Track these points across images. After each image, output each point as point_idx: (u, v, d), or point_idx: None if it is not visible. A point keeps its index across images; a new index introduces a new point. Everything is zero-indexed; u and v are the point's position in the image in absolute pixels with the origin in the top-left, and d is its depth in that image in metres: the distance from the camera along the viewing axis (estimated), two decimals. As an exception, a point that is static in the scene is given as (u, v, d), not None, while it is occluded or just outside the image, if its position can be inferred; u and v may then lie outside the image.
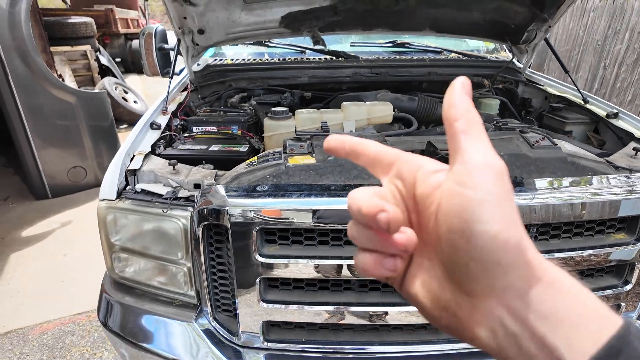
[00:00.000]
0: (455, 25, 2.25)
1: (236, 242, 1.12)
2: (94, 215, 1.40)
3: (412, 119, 1.82)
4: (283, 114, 1.67)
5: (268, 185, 1.16)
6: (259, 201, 1.10)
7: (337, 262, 1.11)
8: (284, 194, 1.11)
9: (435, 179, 0.31)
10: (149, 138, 1.64)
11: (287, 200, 1.09)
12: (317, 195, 1.10)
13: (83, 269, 3.32)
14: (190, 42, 2.17)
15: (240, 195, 1.12)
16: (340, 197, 1.10)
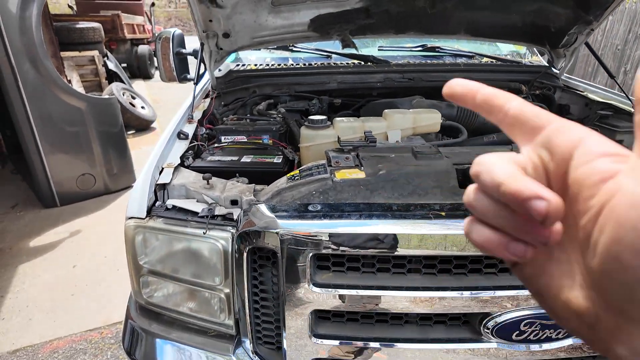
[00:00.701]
0: (492, 28, 2.13)
1: (286, 268, 1.00)
2: (103, 224, 1.28)
3: (461, 127, 1.70)
4: (321, 122, 1.55)
5: (321, 204, 1.04)
6: (315, 223, 0.97)
7: (399, 293, 0.99)
8: (341, 214, 0.99)
9: (604, 166, 0.24)
10: (176, 149, 1.52)
11: (346, 222, 0.96)
12: (379, 217, 0.97)
13: (94, 281, 3.20)
14: (214, 46, 2.07)
15: (291, 216, 1.00)
16: (405, 219, 0.97)
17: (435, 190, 1.20)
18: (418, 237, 0.93)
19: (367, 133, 1.38)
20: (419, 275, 0.98)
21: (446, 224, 0.96)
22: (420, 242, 0.93)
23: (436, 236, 0.94)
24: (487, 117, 0.32)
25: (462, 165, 1.26)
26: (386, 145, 1.34)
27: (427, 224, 0.96)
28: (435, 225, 0.95)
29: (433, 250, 0.94)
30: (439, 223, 0.96)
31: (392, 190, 1.20)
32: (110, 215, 4.26)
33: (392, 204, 1.02)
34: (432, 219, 0.96)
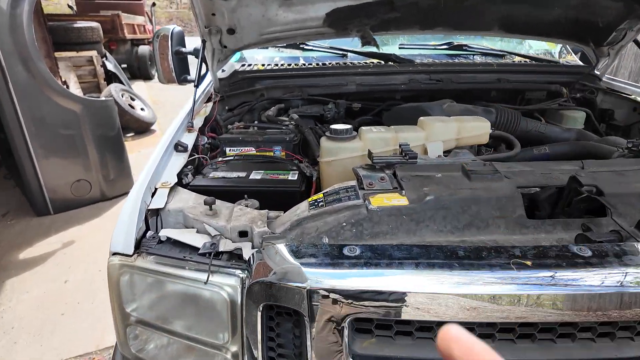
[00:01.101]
0: (530, 24, 1.89)
1: (315, 335, 0.75)
2: (98, 234, 1.04)
3: (512, 139, 1.45)
4: (346, 133, 1.31)
5: (360, 247, 0.79)
6: (354, 273, 0.73)
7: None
8: (389, 263, 0.74)
9: None
10: (173, 164, 1.28)
11: (397, 275, 0.72)
12: (442, 267, 0.73)
13: (86, 298, 2.96)
14: (217, 44, 1.83)
15: (322, 264, 0.75)
16: (478, 270, 0.72)
17: (499, 222, 0.96)
18: (497, 298, 0.69)
19: (403, 146, 1.14)
20: (492, 342, 0.73)
21: (532, 278, 0.71)
22: (498, 303, 0.69)
23: (521, 296, 0.69)
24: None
25: (527, 188, 1.02)
26: (429, 162, 1.10)
27: (508, 279, 0.71)
28: (519, 279, 0.71)
29: (516, 313, 0.70)
30: (521, 277, 0.71)
31: (444, 222, 0.95)
32: (106, 224, 4.02)
33: (456, 247, 0.78)
34: (514, 270, 0.72)
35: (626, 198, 0.99)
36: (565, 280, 0.71)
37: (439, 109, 1.66)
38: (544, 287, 0.69)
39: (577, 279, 0.71)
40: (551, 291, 0.69)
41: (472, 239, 0.94)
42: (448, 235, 0.94)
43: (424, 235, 0.94)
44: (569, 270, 0.72)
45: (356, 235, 0.94)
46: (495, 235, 0.95)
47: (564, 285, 0.71)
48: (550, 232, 0.95)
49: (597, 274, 0.72)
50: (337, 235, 0.93)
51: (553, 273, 0.70)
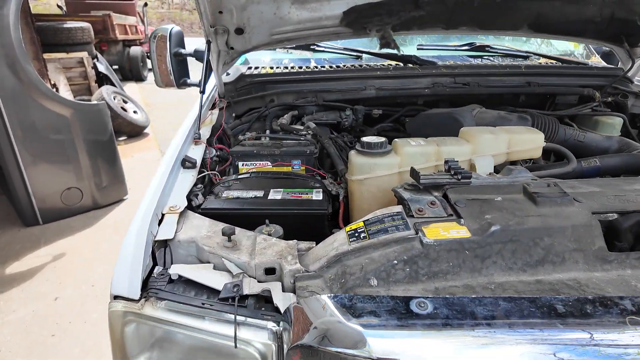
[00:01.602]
0: (562, 23, 1.75)
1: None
2: (90, 245, 0.87)
3: (568, 152, 1.30)
4: (381, 147, 1.15)
5: (431, 301, 0.63)
6: (433, 346, 0.57)
7: None
8: (474, 324, 0.59)
9: None
10: (181, 183, 1.11)
11: (484, 337, 0.56)
12: (542, 328, 0.57)
13: (78, 317, 2.76)
14: (223, 46, 1.66)
15: (386, 326, 0.59)
16: (588, 329, 0.57)
17: (576, 256, 0.81)
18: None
19: (451, 162, 0.98)
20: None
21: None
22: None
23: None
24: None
25: (604, 214, 0.86)
26: (484, 182, 0.95)
27: (628, 340, 0.56)
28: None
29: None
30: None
31: (513, 257, 0.80)
32: (99, 234, 3.82)
33: (551, 300, 0.62)
34: (631, 328, 0.56)
35: None
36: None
37: (470, 115, 1.51)
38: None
39: None
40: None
41: (549, 278, 0.78)
42: (520, 274, 0.79)
43: (492, 275, 0.79)
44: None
45: (410, 275, 0.78)
46: (573, 273, 0.80)
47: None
48: (637, 268, 0.80)
49: None
50: (388, 276, 0.78)
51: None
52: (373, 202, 1.14)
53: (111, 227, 3.97)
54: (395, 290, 0.76)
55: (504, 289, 0.75)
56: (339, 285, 0.78)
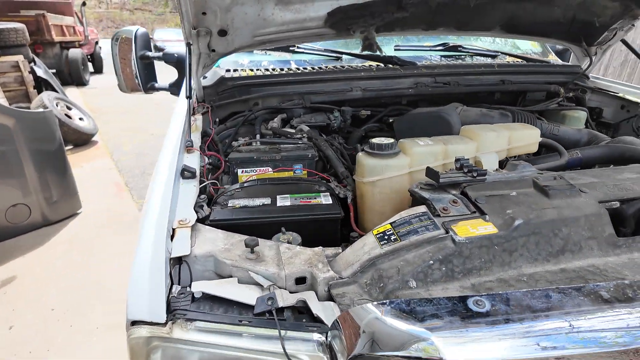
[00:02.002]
0: (531, 24, 1.86)
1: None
2: (44, 265, 0.79)
3: (559, 146, 1.38)
4: (391, 148, 1.15)
5: (486, 297, 0.64)
6: (503, 343, 0.58)
7: None
8: (535, 317, 0.60)
9: None
10: (184, 194, 1.05)
11: (555, 332, 0.58)
12: (595, 315, 0.60)
13: (40, 346, 2.53)
14: (205, 48, 1.59)
15: (451, 327, 0.59)
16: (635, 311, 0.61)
17: (591, 243, 0.86)
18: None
19: (462, 160, 1.01)
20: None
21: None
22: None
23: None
24: None
25: (608, 203, 0.93)
26: (496, 178, 0.99)
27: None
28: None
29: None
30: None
31: (537, 249, 0.83)
32: (52, 252, 3.53)
33: (594, 287, 0.66)
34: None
35: None
36: None
37: (455, 114, 1.57)
38: None
39: None
40: None
41: (571, 266, 0.83)
42: (545, 264, 0.83)
43: (521, 267, 0.82)
44: None
45: (447, 274, 0.79)
46: (590, 260, 0.85)
47: None
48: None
49: None
50: (426, 276, 0.78)
51: None
52: (386, 203, 1.14)
53: (65, 244, 3.68)
54: (434, 290, 0.77)
55: (535, 280, 0.79)
56: (378, 290, 0.78)
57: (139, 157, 5.84)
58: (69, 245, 3.62)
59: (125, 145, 6.40)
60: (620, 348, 0.61)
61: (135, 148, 6.23)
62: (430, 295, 0.74)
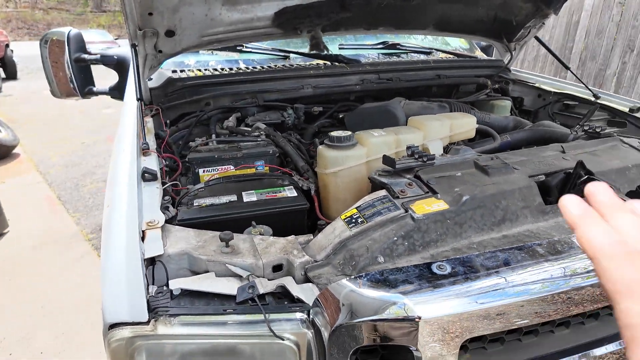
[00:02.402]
0: (460, 23, 2.05)
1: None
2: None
3: (492, 131, 1.54)
4: (349, 140, 1.22)
5: (447, 262, 0.74)
6: (464, 298, 0.67)
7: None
8: (488, 273, 0.71)
9: None
10: (149, 197, 1.05)
11: (506, 284, 0.69)
12: (536, 266, 0.72)
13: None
14: (151, 49, 1.56)
15: (421, 289, 0.68)
16: (564, 261, 0.74)
17: (525, 212, 1.00)
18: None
19: (413, 148, 1.11)
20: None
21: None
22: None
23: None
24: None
25: (536, 176, 1.08)
26: (443, 162, 1.10)
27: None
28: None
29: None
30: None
31: (483, 220, 0.96)
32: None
33: (532, 245, 0.78)
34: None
35: (607, 175, 1.12)
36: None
37: (400, 107, 1.69)
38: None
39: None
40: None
41: (511, 232, 0.96)
42: (490, 232, 0.95)
43: (470, 237, 0.93)
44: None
45: (409, 248, 0.88)
46: (526, 226, 0.99)
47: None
48: (565, 215, 1.03)
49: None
50: (392, 252, 0.87)
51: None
52: (347, 191, 1.22)
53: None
54: (400, 263, 0.86)
55: (483, 246, 0.90)
56: (351, 268, 0.85)
57: (69, 169, 5.43)
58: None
59: (52, 156, 5.90)
60: (546, 294, 0.74)
61: (63, 159, 5.78)
62: (396, 267, 0.82)
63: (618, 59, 4.73)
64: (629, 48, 4.60)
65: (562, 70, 5.26)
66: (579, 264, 0.75)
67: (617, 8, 4.68)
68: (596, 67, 5.03)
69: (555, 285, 0.75)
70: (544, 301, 0.75)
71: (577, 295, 0.77)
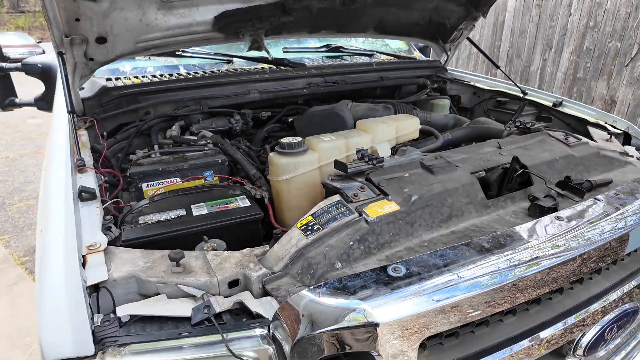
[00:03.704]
0: (398, 26, 2.12)
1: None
2: None
3: (435, 131, 1.59)
4: (300, 146, 1.21)
5: (401, 263, 0.76)
6: (421, 297, 0.69)
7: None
8: (440, 272, 0.74)
9: None
10: (88, 218, 0.97)
11: (460, 280, 0.72)
12: (484, 261, 0.76)
13: None
14: (81, 57, 1.45)
15: (379, 294, 0.69)
16: (508, 252, 0.79)
17: (469, 207, 1.06)
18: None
19: (362, 151, 1.13)
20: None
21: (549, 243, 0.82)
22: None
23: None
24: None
25: (478, 173, 1.15)
26: (391, 163, 1.13)
27: (537, 249, 0.80)
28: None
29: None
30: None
31: (431, 218, 1.00)
32: None
33: (478, 240, 0.82)
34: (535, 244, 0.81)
35: (539, 167, 1.22)
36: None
37: (347, 110, 1.72)
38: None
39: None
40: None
41: (458, 228, 1.01)
42: (439, 229, 0.99)
43: (421, 235, 0.97)
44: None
45: (365, 251, 0.89)
46: (471, 220, 1.04)
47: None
48: (505, 207, 1.11)
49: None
50: (348, 257, 0.88)
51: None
52: (302, 197, 1.21)
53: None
54: (357, 267, 0.87)
55: (434, 243, 0.94)
56: (310, 277, 0.84)
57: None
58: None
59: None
60: (495, 286, 0.79)
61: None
62: (354, 272, 0.83)
63: (539, 56, 5.15)
64: (547, 46, 5.02)
65: (493, 67, 5.64)
66: (521, 255, 0.81)
67: (535, 10, 5.10)
68: (522, 64, 5.45)
69: (502, 276, 0.81)
70: (493, 291, 0.79)
71: (522, 283, 0.83)
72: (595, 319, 1.02)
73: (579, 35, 4.61)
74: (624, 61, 4.19)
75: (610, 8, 4.24)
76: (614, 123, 1.74)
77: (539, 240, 0.86)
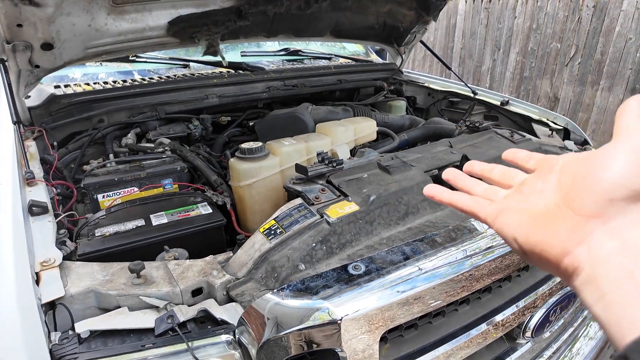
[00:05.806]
0: (353, 29, 2.18)
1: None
2: None
3: (391, 132, 1.64)
4: (261, 151, 1.21)
5: (361, 261, 0.79)
6: (380, 291, 0.72)
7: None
8: (397, 267, 0.77)
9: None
10: (40, 233, 0.93)
11: (416, 274, 0.76)
12: (436, 254, 0.81)
13: None
14: (25, 64, 1.39)
15: (340, 291, 0.72)
16: (460, 245, 0.84)
17: (424, 204, 1.11)
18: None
19: (322, 154, 1.16)
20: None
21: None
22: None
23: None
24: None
25: (431, 171, 1.21)
26: (350, 165, 1.16)
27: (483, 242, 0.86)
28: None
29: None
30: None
31: (389, 216, 1.04)
32: None
33: (431, 236, 0.87)
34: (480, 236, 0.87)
35: (488, 164, 1.30)
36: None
37: (308, 113, 1.74)
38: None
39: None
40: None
41: (414, 224, 1.06)
42: (396, 227, 1.04)
43: (380, 233, 1.01)
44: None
45: (327, 252, 0.92)
46: (426, 217, 1.10)
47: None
48: (457, 203, 1.17)
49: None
50: (312, 258, 0.90)
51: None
52: (264, 202, 1.22)
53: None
54: (320, 268, 0.89)
55: (392, 240, 0.98)
56: (274, 280, 0.86)
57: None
58: None
59: None
60: (453, 276, 0.85)
61: None
62: (317, 272, 0.86)
63: (489, 57, 5.43)
64: (496, 47, 5.30)
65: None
66: (474, 245, 0.87)
67: (484, 12, 5.37)
68: (473, 65, 5.72)
69: (460, 266, 0.86)
70: (452, 281, 0.85)
71: (477, 271, 0.89)
72: (544, 301, 1.11)
73: (523, 36, 4.90)
74: (564, 61, 4.51)
75: (550, 11, 4.55)
76: (555, 120, 1.88)
77: (488, 231, 0.93)
